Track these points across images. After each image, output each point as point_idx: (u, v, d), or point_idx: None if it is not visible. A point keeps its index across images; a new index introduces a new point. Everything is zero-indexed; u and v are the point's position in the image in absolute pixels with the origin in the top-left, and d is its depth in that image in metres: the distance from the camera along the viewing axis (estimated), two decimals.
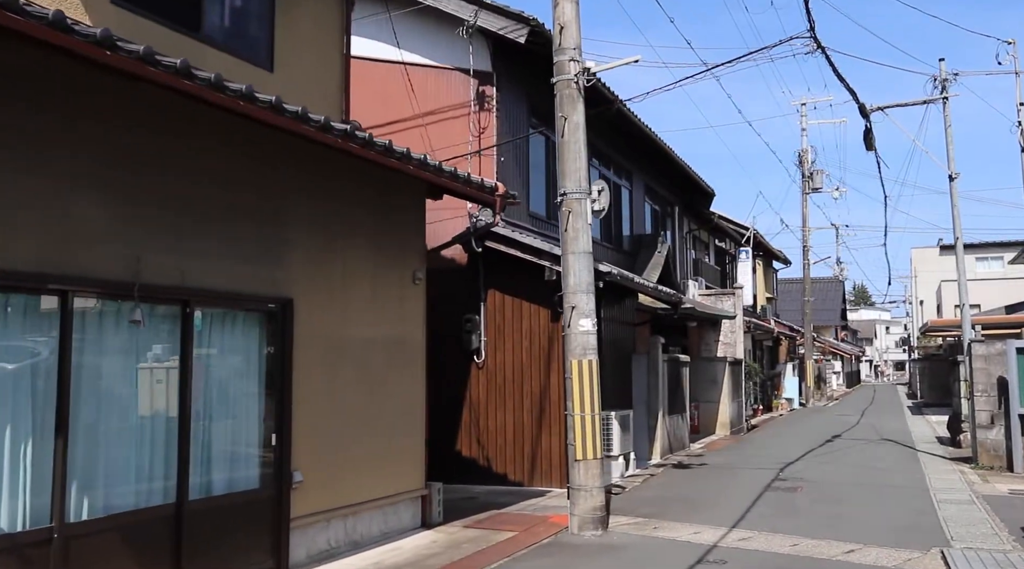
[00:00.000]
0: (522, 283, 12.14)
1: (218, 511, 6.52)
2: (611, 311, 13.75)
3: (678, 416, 15.97)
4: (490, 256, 12.25)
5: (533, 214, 13.75)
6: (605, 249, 17.05)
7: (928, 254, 59.94)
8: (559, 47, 9.12)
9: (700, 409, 20.53)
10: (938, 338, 39.09)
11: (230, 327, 6.83)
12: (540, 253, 11.80)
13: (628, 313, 14.70)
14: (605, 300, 13.34)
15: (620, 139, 17.84)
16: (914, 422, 24.83)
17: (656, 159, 19.82)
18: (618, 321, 14.12)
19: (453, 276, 12.57)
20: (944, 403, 32.14)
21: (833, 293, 65.38)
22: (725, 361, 20.87)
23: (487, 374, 12.33)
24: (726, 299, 23.03)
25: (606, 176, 17.57)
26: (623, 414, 12.84)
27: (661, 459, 14.53)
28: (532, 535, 8.62)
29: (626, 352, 14.46)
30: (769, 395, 31.66)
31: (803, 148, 34.18)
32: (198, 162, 6.50)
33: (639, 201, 19.69)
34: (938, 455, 15.66)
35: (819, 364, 39.93)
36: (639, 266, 18.58)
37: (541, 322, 12.13)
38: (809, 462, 14.50)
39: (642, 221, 19.86)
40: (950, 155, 14.56)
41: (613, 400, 13.54)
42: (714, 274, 27.40)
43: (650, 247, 19.12)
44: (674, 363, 15.87)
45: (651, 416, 14.58)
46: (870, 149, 15.61)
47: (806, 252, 34.77)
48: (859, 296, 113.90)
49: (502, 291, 12.35)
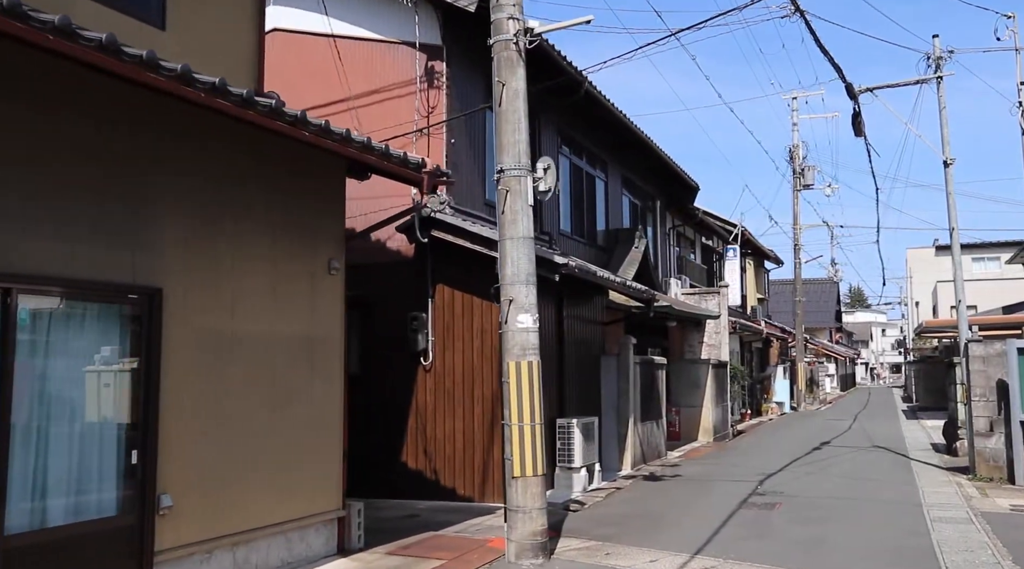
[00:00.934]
0: (474, 277, 10.99)
1: (55, 546, 5.35)
2: (576, 308, 12.60)
3: (653, 423, 14.82)
4: (439, 248, 11.10)
5: (490, 203, 12.60)
6: (575, 244, 15.92)
7: (924, 255, 58.93)
8: (496, 3, 7.97)
9: (681, 414, 19.38)
10: (934, 340, 37.98)
11: (77, 322, 5.66)
12: (492, 243, 10.63)
13: (596, 311, 13.55)
14: (567, 296, 12.19)
15: (594, 127, 16.72)
16: (908, 427, 23.70)
17: (633, 149, 18.69)
18: (584, 319, 12.97)
19: (398, 270, 11.42)
20: (940, 407, 31.01)
21: (828, 294, 64.29)
22: (708, 363, 19.72)
23: (435, 377, 11.17)
24: (710, 298, 21.89)
25: (578, 165, 16.44)
26: (587, 421, 11.69)
27: (632, 470, 13.37)
28: (463, 564, 7.45)
29: (593, 353, 13.30)
30: (758, 399, 30.52)
31: (794, 143, 33.09)
32: (31, 126, 5.34)
33: (615, 194, 18.55)
34: (933, 465, 14.52)
35: (811, 367, 38.81)
36: (615, 262, 17.44)
37: (494, 319, 10.97)
38: (793, 473, 13.34)
39: (619, 215, 18.71)
40: (945, 138, 13.40)
41: (578, 405, 12.39)
42: (700, 273, 26.27)
43: (627, 242, 17.97)
44: (648, 365, 14.72)
45: (621, 423, 13.43)
46: (859, 134, 14.49)
47: (797, 250, 33.66)
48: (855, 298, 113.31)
49: (452, 286, 11.20)
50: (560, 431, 11.41)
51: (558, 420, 11.46)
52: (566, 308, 12.20)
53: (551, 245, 13.96)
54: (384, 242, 11.52)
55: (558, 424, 11.44)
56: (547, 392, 10.20)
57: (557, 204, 15.05)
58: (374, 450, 11.08)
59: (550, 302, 11.67)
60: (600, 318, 13.70)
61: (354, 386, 9.30)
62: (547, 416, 10.53)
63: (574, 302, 12.54)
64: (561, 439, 11.41)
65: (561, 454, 11.39)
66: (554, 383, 11.69)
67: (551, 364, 11.64)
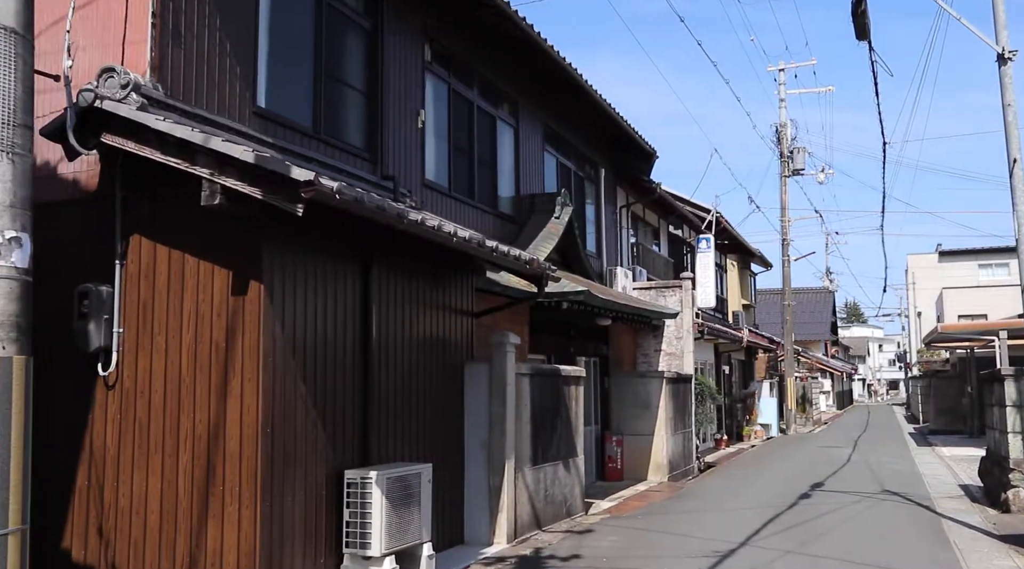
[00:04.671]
0: (191, 221, 6.20)
1: None
2: (409, 286, 7.78)
3: (558, 466, 9.95)
4: (139, 172, 6.32)
5: (267, 114, 7.78)
6: (459, 205, 11.13)
7: (926, 261, 54.41)
8: None
9: (625, 445, 14.54)
10: (944, 351, 33.18)
11: None
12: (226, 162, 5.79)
13: (457, 294, 8.71)
14: (385, 263, 7.38)
15: (497, 50, 11.99)
16: (922, 458, 18.83)
17: (562, 92, 13.93)
18: (430, 305, 8.15)
19: (72, 214, 6.60)
20: (954, 430, 26.24)
21: (823, 304, 59.62)
22: (661, 378, 14.88)
23: (121, 397, 6.32)
24: (670, 294, 17.07)
25: (464, 96, 11.64)
26: (404, 472, 6.86)
27: (510, 544, 8.50)
28: None
29: (452, 359, 8.48)
30: (739, 421, 25.65)
31: (781, 121, 28.38)
32: None
33: (532, 148, 13.75)
34: (976, 528, 9.69)
35: (804, 382, 33.97)
36: (525, 237, 12.64)
37: (217, 293, 6.16)
38: (764, 549, 8.50)
39: (537, 177, 13.91)
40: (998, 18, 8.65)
41: (412, 442, 7.59)
42: (665, 267, 21.46)
43: (546, 212, 13.18)
44: (550, 378, 9.90)
45: (493, 469, 8.58)
46: (862, 37, 9.80)
47: (785, 246, 28.86)
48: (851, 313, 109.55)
49: (157, 238, 6.38)
50: (350, 492, 6.57)
51: (347, 473, 6.63)
52: (382, 283, 7.38)
53: (398, 195, 9.15)
54: (55, 168, 6.71)
55: (347, 479, 6.60)
56: (329, 422, 5.54)
57: (420, 141, 10.25)
58: None
59: (339, 269, 6.87)
60: (465, 306, 8.87)
61: None
62: (332, 465, 6.15)
63: (404, 276, 7.73)
64: (351, 506, 6.56)
65: (351, 531, 6.54)
66: (346, 407, 6.87)
67: (340, 375, 6.83)
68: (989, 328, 20.37)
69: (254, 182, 5.65)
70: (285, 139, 7.88)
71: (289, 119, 8.08)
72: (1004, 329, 19.60)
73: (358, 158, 9.09)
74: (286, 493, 6.12)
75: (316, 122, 8.49)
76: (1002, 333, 19.46)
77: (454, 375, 8.57)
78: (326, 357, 6.66)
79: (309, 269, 6.54)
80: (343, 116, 9.06)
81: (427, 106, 10.58)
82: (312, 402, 6.45)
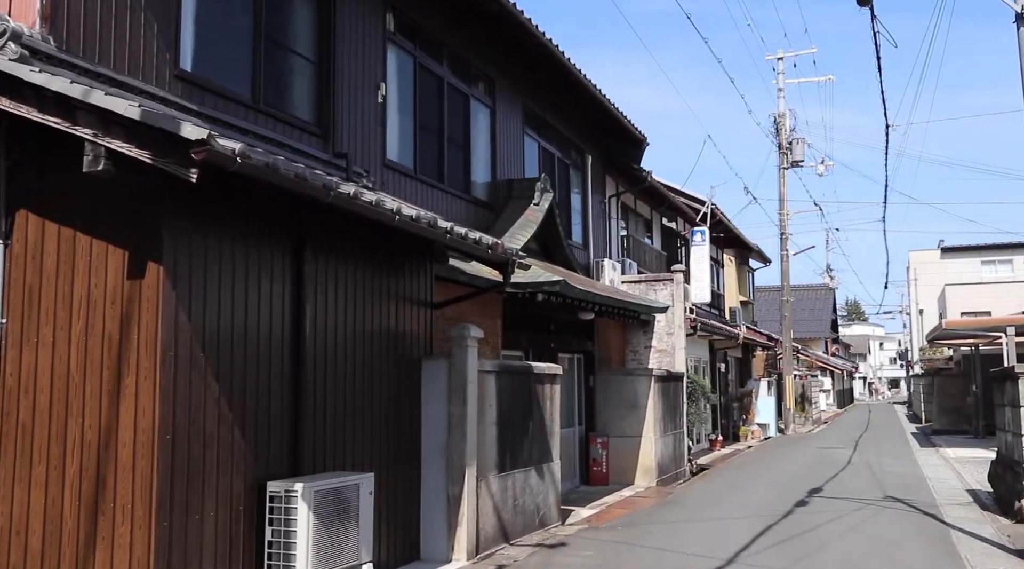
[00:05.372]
0: (82, 193, 5.33)
1: None
2: (354, 271, 6.90)
3: (527, 473, 9.06)
4: (24, 140, 5.45)
5: (194, 79, 6.90)
6: (428, 189, 10.24)
7: (928, 257, 53.42)
8: None
9: (610, 448, 13.67)
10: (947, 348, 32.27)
11: None
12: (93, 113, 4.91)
13: (412, 282, 7.83)
14: (323, 244, 6.50)
15: (475, 27, 11.13)
16: (926, 460, 17.95)
17: (542, 70, 13.04)
18: (380, 293, 7.27)
19: None
20: (959, 430, 25.37)
21: (823, 302, 58.78)
22: (650, 376, 14.00)
23: (3, 397, 5.45)
24: (660, 287, 16.18)
25: (433, 71, 10.76)
26: (339, 484, 5.98)
27: (469, 561, 7.61)
28: None
29: (407, 354, 7.60)
30: (736, 421, 24.78)
31: (779, 112, 27.48)
32: None
33: (511, 130, 12.86)
34: (989, 540, 8.81)
35: (803, 380, 33.08)
36: (502, 224, 11.77)
37: (112, 276, 5.29)
38: (753, 568, 7.61)
39: (517, 162, 13.02)
40: None
41: (361, 448, 6.73)
42: (658, 261, 20.56)
43: (524, 198, 12.30)
44: (517, 377, 9.01)
45: (453, 477, 7.70)
46: (864, 3, 8.90)
47: (784, 240, 27.97)
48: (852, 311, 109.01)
49: (43, 213, 5.50)
50: (273, 507, 5.69)
51: (270, 485, 5.74)
52: (320, 268, 6.50)
53: (351, 174, 8.28)
54: None
55: (269, 493, 5.72)
56: (250, 426, 4.72)
57: (380, 118, 9.36)
58: None
59: (264, 252, 5.99)
60: (422, 295, 7.98)
61: None
62: (253, 475, 5.76)
63: (348, 261, 6.85)
64: (274, 523, 5.68)
65: (274, 553, 5.66)
66: (272, 409, 5.99)
67: (265, 372, 5.96)
68: (996, 324, 19.47)
69: (143, 144, 4.77)
70: (217, 108, 7.00)
71: (221, 86, 7.19)
72: (1012, 325, 18.72)
73: (306, 133, 8.20)
74: (192, 510, 5.24)
75: (255, 91, 7.60)
76: (1010, 329, 18.57)
77: (409, 372, 7.69)
78: (247, 351, 5.78)
79: (225, 250, 5.65)
80: (288, 86, 8.18)
81: (389, 80, 9.70)
82: (228, 403, 5.57)
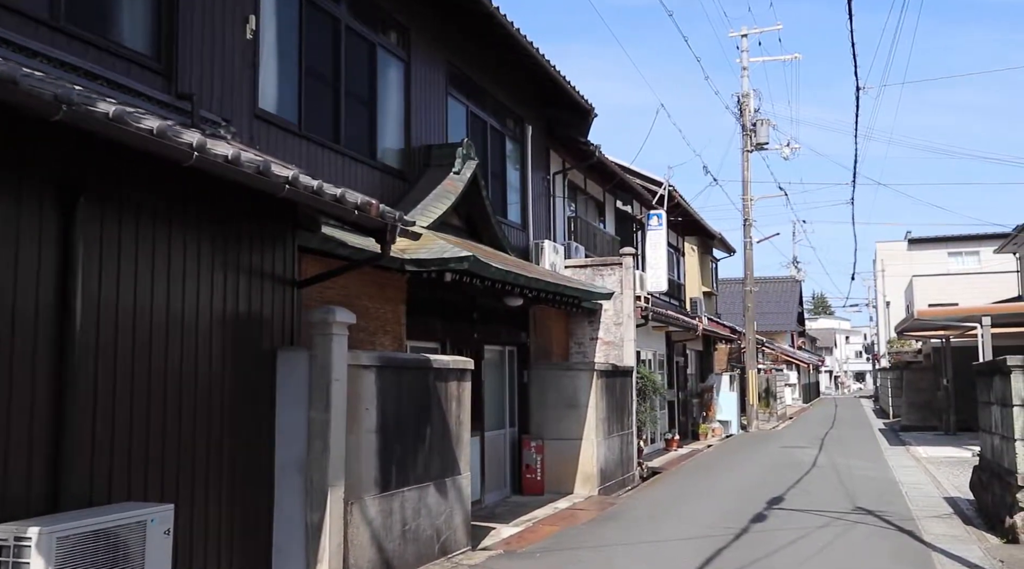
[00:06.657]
0: None
1: None
2: (159, 234, 5.20)
3: (423, 490, 7.41)
4: None
5: None
6: (320, 150, 8.54)
7: (895, 249, 52.73)
8: None
9: (546, 452, 12.09)
10: (916, 341, 31.15)
11: None
12: None
13: (262, 252, 6.14)
14: (109, 198, 4.80)
15: None
16: (897, 461, 16.57)
17: (471, 23, 11.39)
18: (200, 263, 5.57)
19: None
20: (929, 426, 24.17)
21: (789, 295, 57.85)
22: (591, 371, 12.44)
23: None
24: (608, 273, 14.62)
25: (327, 11, 9.05)
26: (110, 524, 4.30)
27: None
28: None
29: (252, 345, 5.92)
30: (695, 418, 23.35)
31: (743, 91, 26.04)
32: None
33: (432, 90, 11.19)
34: (977, 566, 7.33)
35: (767, 375, 31.81)
36: (416, 195, 10.13)
37: None
38: None
39: (438, 127, 11.36)
40: None
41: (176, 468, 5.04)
42: (610, 245, 18.97)
43: (444, 166, 10.66)
44: (408, 374, 7.36)
45: (313, 501, 6.04)
46: None
47: (747, 227, 26.57)
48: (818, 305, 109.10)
49: None
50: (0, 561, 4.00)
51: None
52: (105, 229, 4.81)
53: (197, 121, 6.59)
54: None
55: None
56: None
57: (250, 59, 7.66)
58: None
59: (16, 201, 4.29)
60: (279, 270, 6.30)
61: None
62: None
63: (155, 221, 5.16)
64: None
65: None
66: (17, 421, 4.30)
67: (5, 368, 4.26)
68: (971, 313, 18.19)
69: None
70: None
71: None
72: (988, 315, 17.43)
73: (137, 66, 6.49)
74: None
75: (54, 6, 5.88)
76: (985, 320, 17.29)
77: (258, 367, 6.02)
78: None
79: None
80: (109, 4, 6.47)
81: (264, 15, 8.00)
82: None
